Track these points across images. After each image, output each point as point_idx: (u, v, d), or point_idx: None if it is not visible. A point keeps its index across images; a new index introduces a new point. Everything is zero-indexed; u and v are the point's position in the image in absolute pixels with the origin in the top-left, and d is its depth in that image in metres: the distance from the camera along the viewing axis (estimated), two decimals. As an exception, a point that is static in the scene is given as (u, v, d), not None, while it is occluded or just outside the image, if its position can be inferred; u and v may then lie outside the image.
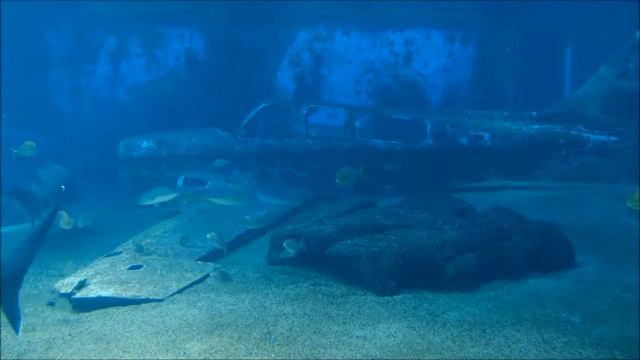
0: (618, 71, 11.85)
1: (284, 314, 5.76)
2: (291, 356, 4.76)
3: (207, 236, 7.63)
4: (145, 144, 12.79)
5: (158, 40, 18.07)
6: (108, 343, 5.18)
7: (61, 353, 5.00)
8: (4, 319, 5.92)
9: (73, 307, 6.25)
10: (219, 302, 6.21)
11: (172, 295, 6.49)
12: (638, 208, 5.03)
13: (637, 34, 11.65)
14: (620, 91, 11.80)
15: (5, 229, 11.03)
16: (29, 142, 8.10)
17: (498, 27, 18.42)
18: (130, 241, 8.61)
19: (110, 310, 6.12)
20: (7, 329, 5.66)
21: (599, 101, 11.98)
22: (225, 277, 6.66)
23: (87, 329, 5.57)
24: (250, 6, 16.71)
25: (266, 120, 14.14)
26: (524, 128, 12.35)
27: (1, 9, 14.77)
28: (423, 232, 7.16)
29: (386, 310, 5.82)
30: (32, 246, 4.54)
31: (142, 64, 18.05)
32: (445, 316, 5.63)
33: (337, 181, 7.54)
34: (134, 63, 18.01)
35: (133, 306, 6.19)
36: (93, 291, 6.44)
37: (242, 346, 4.98)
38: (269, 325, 5.48)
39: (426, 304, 5.97)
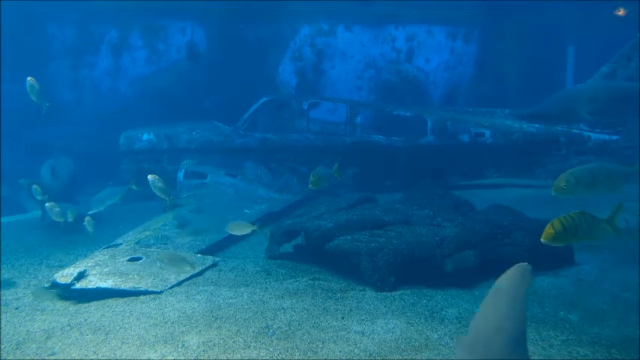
0: (609, 71, 11.85)
1: (283, 308, 5.78)
2: (290, 350, 4.77)
3: (152, 178, 7.65)
4: (145, 136, 12.77)
5: (160, 32, 18.03)
6: (107, 334, 5.20)
7: (60, 343, 5.02)
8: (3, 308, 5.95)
9: (73, 298, 6.28)
10: (218, 295, 6.22)
11: (171, 287, 6.51)
12: (563, 196, 5.12)
13: (638, 35, 11.64)
14: (612, 92, 11.79)
15: (5, 219, 11.06)
16: (30, 80, 7.81)
17: (500, 24, 18.37)
18: (130, 232, 8.63)
19: (109, 301, 6.14)
20: (5, 318, 5.69)
21: (588, 101, 11.97)
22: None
23: (86, 320, 5.59)
24: (253, 0, 16.66)
25: (267, 114, 14.11)
26: (525, 126, 12.34)
27: (2, 2, 14.74)
28: (422, 228, 7.16)
29: (384, 306, 5.83)
30: None
31: (143, 57, 18.00)
32: (443, 312, 5.64)
33: (310, 186, 7.35)
34: (135, 56, 17.98)
35: (131, 298, 6.22)
36: (92, 282, 6.47)
37: (240, 340, 5.00)
38: (268, 319, 5.49)
39: (424, 301, 5.98)
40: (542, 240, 4.58)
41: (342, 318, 5.51)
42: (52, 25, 17.51)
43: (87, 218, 8.29)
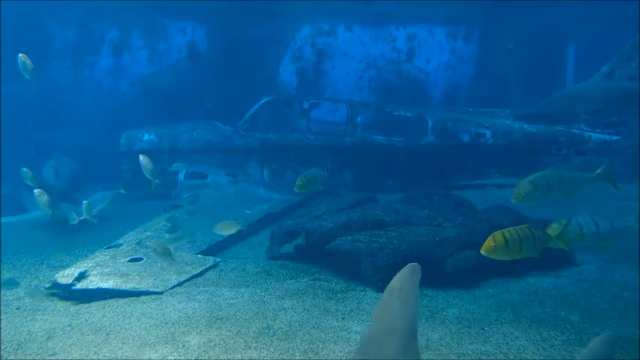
0: (609, 71, 11.85)
1: (283, 309, 5.78)
2: (290, 351, 4.78)
3: (142, 159, 7.81)
4: (146, 137, 12.76)
5: (160, 32, 18.04)
6: (107, 334, 5.20)
7: (61, 343, 5.02)
8: (4, 308, 5.96)
9: (74, 298, 6.28)
10: (219, 296, 6.22)
11: (172, 287, 6.51)
12: (523, 203, 5.20)
13: (639, 35, 11.63)
14: (612, 92, 11.79)
15: (6, 219, 11.06)
16: (22, 57, 7.77)
17: (501, 23, 18.37)
18: (130, 233, 8.63)
19: (110, 301, 6.14)
20: (6, 318, 5.69)
21: (588, 101, 11.96)
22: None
23: (86, 320, 5.59)
24: (253, 0, 16.67)
25: (268, 115, 14.10)
26: (525, 126, 12.34)
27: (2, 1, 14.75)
28: (423, 228, 7.16)
29: (385, 306, 5.82)
30: None
31: (144, 57, 18.01)
32: (444, 312, 5.64)
33: (296, 189, 7.15)
34: (136, 56, 17.99)
35: (132, 298, 6.22)
36: (93, 282, 6.47)
37: (241, 340, 5.00)
38: (268, 319, 5.49)
39: (425, 301, 5.98)
40: (481, 252, 4.55)
41: (343, 318, 5.51)
42: (53, 25, 17.52)
43: (84, 203, 8.29)
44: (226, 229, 7.49)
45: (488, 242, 4.49)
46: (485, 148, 12.30)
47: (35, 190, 8.24)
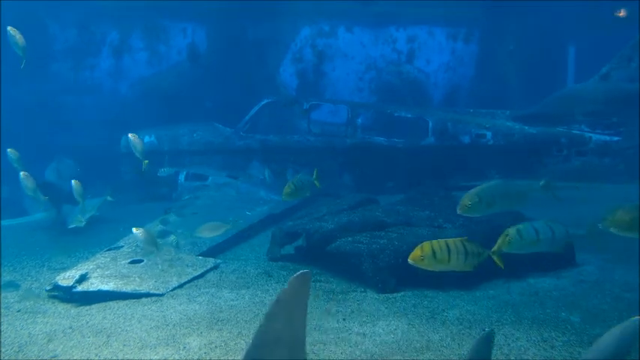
0: (607, 72, 11.86)
1: (284, 310, 5.77)
2: (291, 352, 4.77)
3: (132, 137, 7.89)
4: (146, 138, 12.75)
5: (161, 34, 18.05)
6: (108, 336, 5.20)
7: (62, 346, 5.02)
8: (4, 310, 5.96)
9: (74, 301, 6.28)
10: (220, 297, 6.23)
11: (173, 289, 6.52)
12: (469, 214, 5.25)
13: (639, 35, 11.63)
14: (611, 93, 11.79)
15: (6, 222, 11.06)
16: (17, 35, 7.69)
17: (501, 24, 18.38)
18: (131, 235, 8.62)
19: (110, 303, 6.15)
20: (7, 320, 5.69)
21: (587, 102, 11.97)
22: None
23: (87, 322, 5.59)
24: (253, 1, 16.68)
25: (268, 116, 14.10)
26: (526, 127, 12.34)
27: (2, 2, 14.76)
28: (423, 230, 7.16)
29: (386, 307, 5.83)
30: None
31: (144, 58, 18.02)
32: (445, 313, 5.64)
33: (284, 197, 7.02)
34: (136, 57, 18.00)
35: (133, 300, 6.22)
36: (94, 284, 6.47)
37: (242, 342, 5.00)
38: (269, 320, 5.48)
39: (425, 302, 5.98)
40: (408, 261, 4.50)
41: (344, 319, 5.51)
42: (54, 26, 17.54)
43: (74, 182, 8.31)
44: (212, 231, 7.46)
45: (416, 252, 4.45)
46: (486, 149, 12.30)
47: (21, 173, 8.10)
